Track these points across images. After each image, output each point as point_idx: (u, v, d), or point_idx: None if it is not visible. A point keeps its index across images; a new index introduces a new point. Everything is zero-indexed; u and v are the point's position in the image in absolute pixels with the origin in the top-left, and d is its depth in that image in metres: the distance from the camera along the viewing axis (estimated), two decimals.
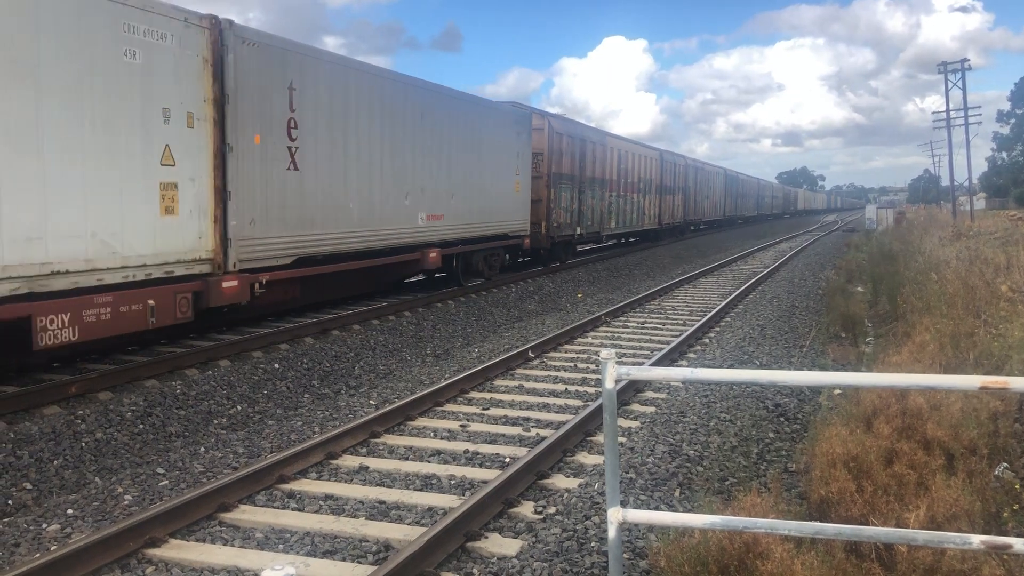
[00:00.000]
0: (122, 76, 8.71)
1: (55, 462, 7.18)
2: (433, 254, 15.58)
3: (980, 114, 50.39)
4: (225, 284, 10.16)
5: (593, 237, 26.51)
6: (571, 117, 30.50)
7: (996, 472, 5.96)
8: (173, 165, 9.46)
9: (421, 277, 18.06)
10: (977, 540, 3.35)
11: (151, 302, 9.01)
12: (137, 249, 8.98)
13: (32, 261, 7.78)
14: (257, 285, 10.85)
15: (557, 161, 22.30)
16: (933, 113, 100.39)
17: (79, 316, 8.16)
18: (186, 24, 9.56)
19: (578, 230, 24.11)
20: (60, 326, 7.95)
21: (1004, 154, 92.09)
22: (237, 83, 10.35)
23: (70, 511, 6.29)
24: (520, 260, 22.52)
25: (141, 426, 8.21)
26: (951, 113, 42.97)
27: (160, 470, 7.22)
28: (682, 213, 39.89)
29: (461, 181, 17.00)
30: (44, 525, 6.02)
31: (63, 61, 8.01)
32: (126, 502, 6.46)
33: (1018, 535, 4.41)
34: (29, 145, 7.73)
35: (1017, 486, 5.42)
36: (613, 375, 3.80)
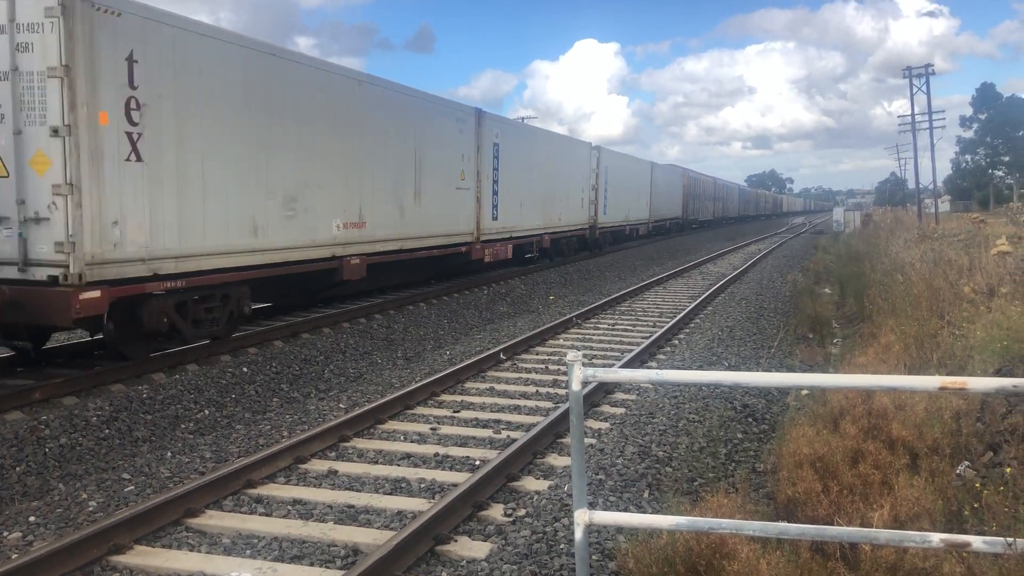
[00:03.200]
0: None
1: (17, 468, 7.06)
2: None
3: (944, 118, 51.62)
4: None
5: (695, 222, 55.59)
6: (674, 163, 62.22)
7: (958, 471, 6.06)
8: None
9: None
10: (937, 538, 3.41)
11: None
12: None
13: None
14: None
15: (688, 187, 51.59)
16: (899, 117, 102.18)
17: None
18: None
19: (692, 216, 53.69)
20: None
21: (968, 157, 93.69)
22: None
23: (32, 518, 6.19)
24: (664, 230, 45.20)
25: (107, 431, 8.10)
26: (916, 117, 43.64)
27: (126, 475, 7.13)
28: (721, 212, 68.31)
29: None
30: (5, 533, 5.92)
31: None
32: (91, 508, 6.38)
33: (978, 533, 4.49)
34: None
35: (978, 484, 5.51)
36: (580, 377, 3.81)
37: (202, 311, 10.67)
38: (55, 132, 8.47)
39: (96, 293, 8.76)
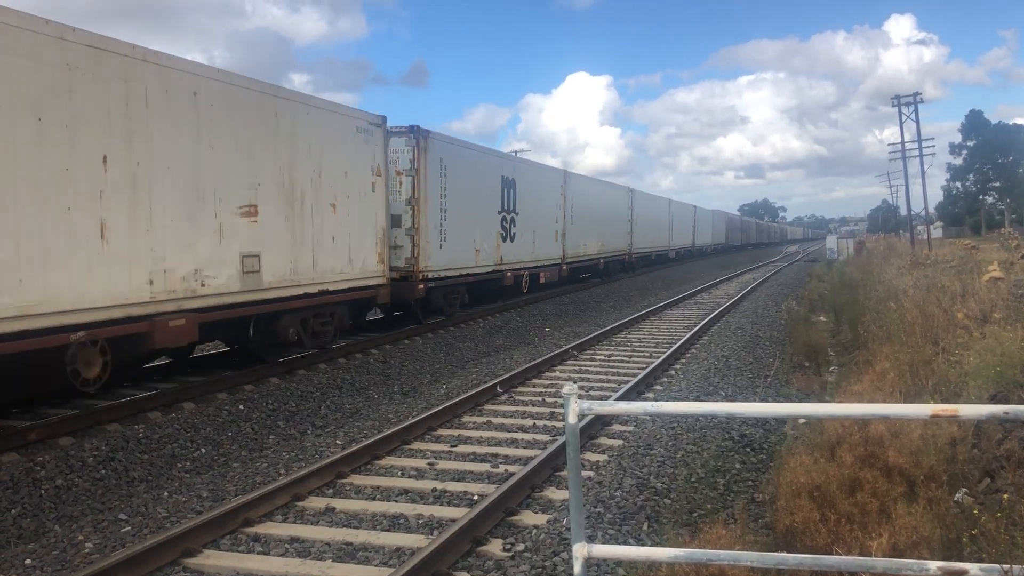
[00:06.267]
0: None
1: (13, 511, 7.02)
2: None
3: (934, 145, 52.24)
4: None
5: (732, 246, 78.21)
6: (723, 209, 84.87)
7: (956, 498, 6.06)
8: None
9: None
10: (934, 567, 3.42)
11: None
12: None
13: None
14: None
15: (728, 223, 76.68)
16: (889, 145, 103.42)
17: None
18: None
19: (730, 243, 77.04)
20: None
21: (958, 184, 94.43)
22: None
23: (28, 561, 6.15)
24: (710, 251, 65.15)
25: (103, 471, 8.06)
26: (907, 144, 44.03)
27: (122, 516, 7.10)
28: (746, 240, 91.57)
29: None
30: None
31: None
32: (87, 550, 6.34)
33: (976, 560, 4.49)
34: None
35: (976, 511, 5.51)
36: (576, 410, 3.83)
37: None
38: None
39: None
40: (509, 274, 21.64)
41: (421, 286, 16.67)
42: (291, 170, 12.29)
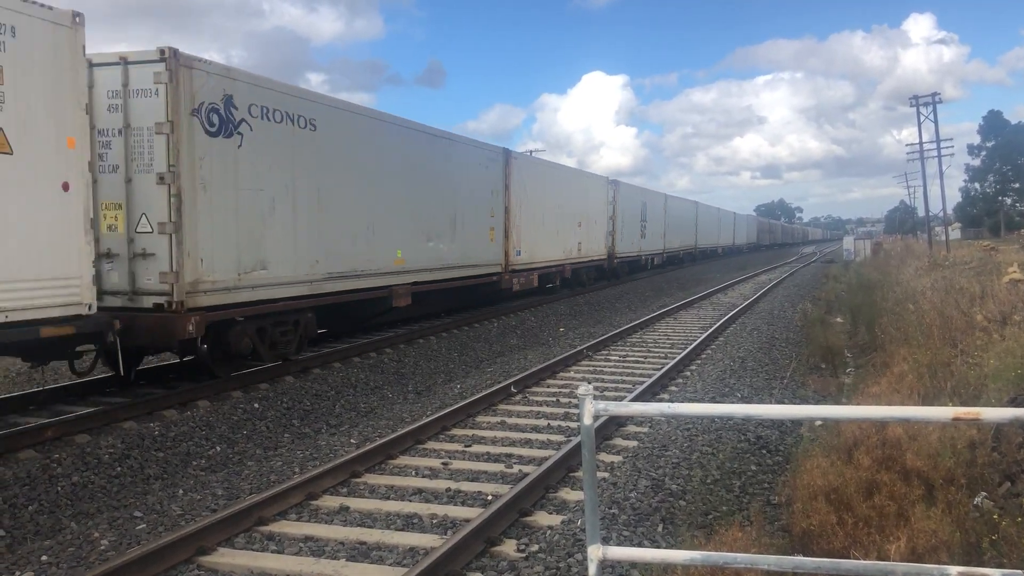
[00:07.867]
0: None
1: (30, 507, 7.07)
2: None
3: (952, 146, 52.01)
4: None
5: (762, 245, 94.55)
6: (761, 216, 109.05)
7: (975, 502, 5.99)
8: None
9: None
10: (955, 571, 3.36)
11: None
12: None
13: None
14: None
15: (759, 226, 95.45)
16: (907, 145, 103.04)
17: None
18: None
19: (760, 242, 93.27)
20: None
21: (977, 185, 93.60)
22: None
23: (44, 557, 6.19)
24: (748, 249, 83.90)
25: (119, 469, 8.10)
26: (925, 145, 43.71)
27: (138, 513, 7.12)
28: (773, 240, 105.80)
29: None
30: (17, 573, 5.91)
31: None
32: (102, 547, 6.36)
33: (997, 565, 4.43)
34: None
35: (996, 516, 5.45)
36: (591, 411, 3.80)
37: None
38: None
39: None
40: (643, 258, 38.49)
41: (615, 261, 32.98)
42: (584, 206, 28.65)
